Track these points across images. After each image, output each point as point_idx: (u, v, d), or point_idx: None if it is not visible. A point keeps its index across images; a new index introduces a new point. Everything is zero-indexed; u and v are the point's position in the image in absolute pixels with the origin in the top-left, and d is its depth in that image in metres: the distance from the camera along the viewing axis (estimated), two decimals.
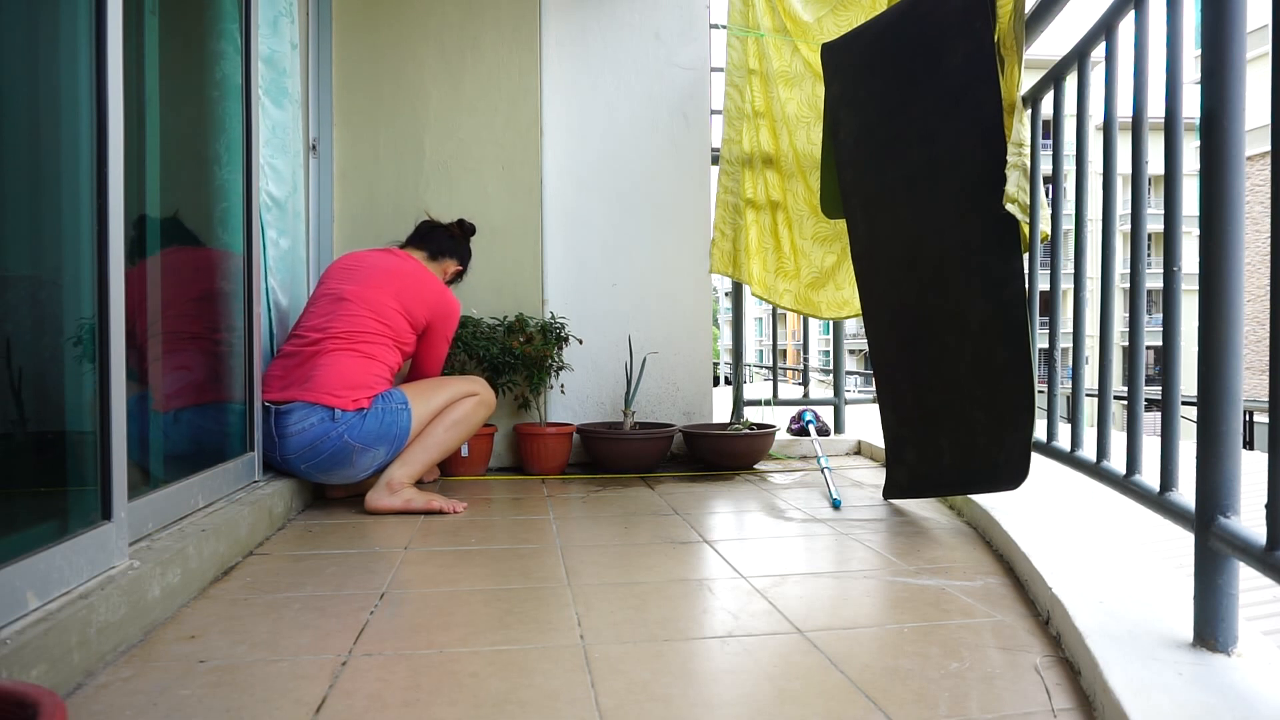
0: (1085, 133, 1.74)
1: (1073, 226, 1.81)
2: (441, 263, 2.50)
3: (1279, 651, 1.04)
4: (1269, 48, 0.97)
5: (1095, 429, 1.62)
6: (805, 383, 4.06)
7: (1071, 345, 1.81)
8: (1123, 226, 16.60)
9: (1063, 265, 1.93)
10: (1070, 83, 1.80)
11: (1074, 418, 1.75)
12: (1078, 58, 1.71)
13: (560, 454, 2.83)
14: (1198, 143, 1.07)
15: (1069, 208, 1.90)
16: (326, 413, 2.06)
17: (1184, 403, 3.33)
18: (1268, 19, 1.00)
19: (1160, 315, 1.27)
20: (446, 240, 2.52)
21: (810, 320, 3.52)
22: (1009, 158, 1.70)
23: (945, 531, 1.93)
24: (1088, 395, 3.21)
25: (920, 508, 2.19)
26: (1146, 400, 1.47)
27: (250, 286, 2.04)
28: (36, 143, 1.23)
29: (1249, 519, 1.04)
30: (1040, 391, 1.78)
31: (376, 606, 1.39)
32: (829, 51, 2.29)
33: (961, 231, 1.84)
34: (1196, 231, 1.08)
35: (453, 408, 2.26)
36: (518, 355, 2.74)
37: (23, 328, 1.20)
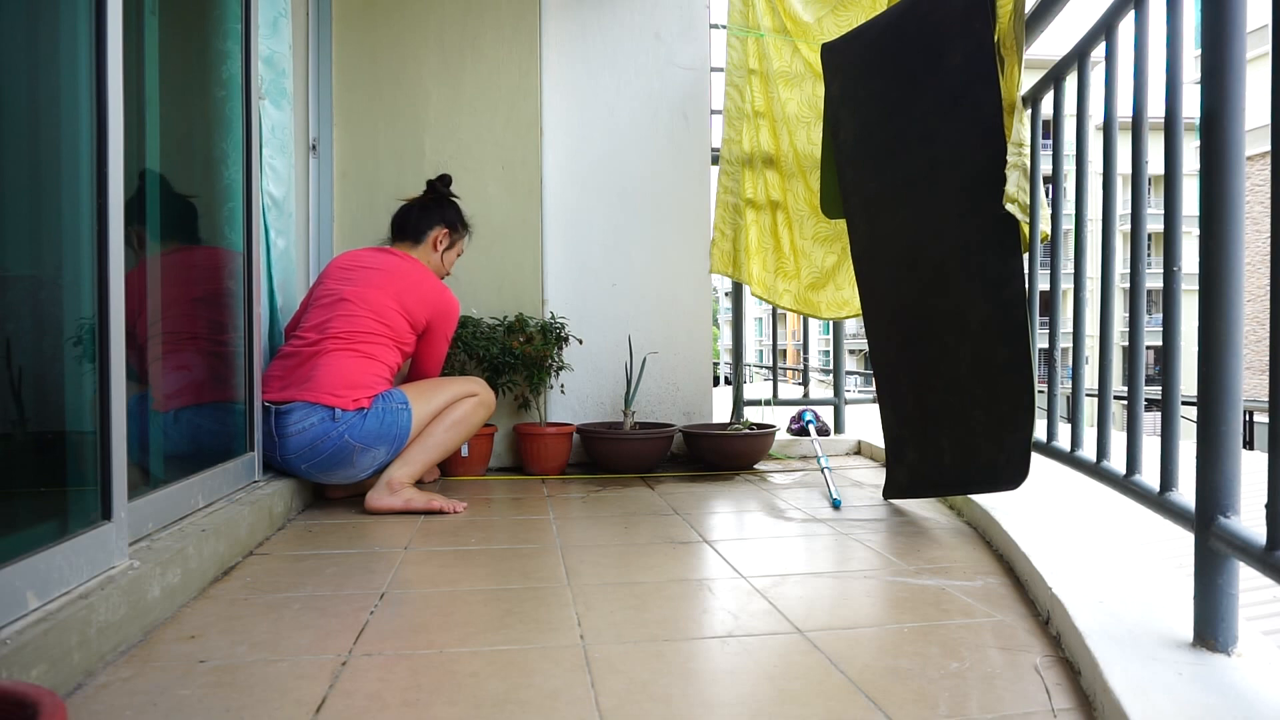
0: (1085, 133, 1.74)
1: (1073, 226, 1.81)
2: (428, 239, 2.40)
3: (1279, 651, 1.04)
4: (1269, 48, 0.97)
5: (1095, 429, 1.62)
6: (805, 383, 4.06)
7: (1071, 345, 1.81)
8: (1123, 226, 16.59)
9: (1063, 265, 1.93)
10: (1070, 83, 1.80)
11: (1074, 418, 1.75)
12: (1078, 58, 1.71)
13: (560, 454, 2.83)
14: (1198, 143, 1.07)
15: (1069, 208, 1.90)
16: (327, 412, 2.06)
17: (1184, 403, 3.33)
18: (1268, 19, 1.00)
19: (1160, 315, 1.27)
20: (419, 213, 2.41)
21: (810, 320, 3.52)
22: (1009, 158, 1.70)
23: (945, 531, 1.93)
24: (1088, 395, 3.21)
25: (920, 508, 2.19)
26: (1146, 400, 1.47)
27: (250, 286, 2.04)
28: (37, 143, 1.23)
29: (1249, 519, 1.04)
30: (1040, 391, 1.78)
31: (376, 606, 1.39)
32: (829, 51, 2.29)
33: (961, 231, 1.84)
34: (1196, 231, 1.08)
35: (453, 408, 2.26)
36: (518, 355, 2.74)
37: (23, 328, 1.20)
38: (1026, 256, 1.87)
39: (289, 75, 2.35)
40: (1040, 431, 1.88)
